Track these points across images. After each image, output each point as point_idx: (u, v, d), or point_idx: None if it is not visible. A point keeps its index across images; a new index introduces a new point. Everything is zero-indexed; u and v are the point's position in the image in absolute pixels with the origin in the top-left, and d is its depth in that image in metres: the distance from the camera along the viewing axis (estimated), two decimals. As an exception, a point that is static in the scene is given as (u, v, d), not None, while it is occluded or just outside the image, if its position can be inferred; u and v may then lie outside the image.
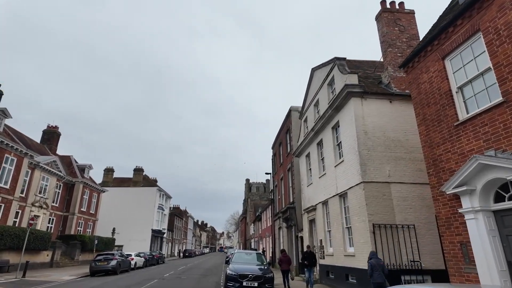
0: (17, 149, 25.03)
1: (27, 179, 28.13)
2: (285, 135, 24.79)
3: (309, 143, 17.62)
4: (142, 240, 47.93)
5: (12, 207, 25.00)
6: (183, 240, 78.65)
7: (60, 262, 27.59)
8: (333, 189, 13.79)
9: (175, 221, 67.03)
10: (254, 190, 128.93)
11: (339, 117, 13.56)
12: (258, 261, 14.36)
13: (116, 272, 20.78)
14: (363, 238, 10.99)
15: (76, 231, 35.00)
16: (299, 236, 19.76)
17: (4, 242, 20.19)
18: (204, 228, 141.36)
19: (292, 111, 22.72)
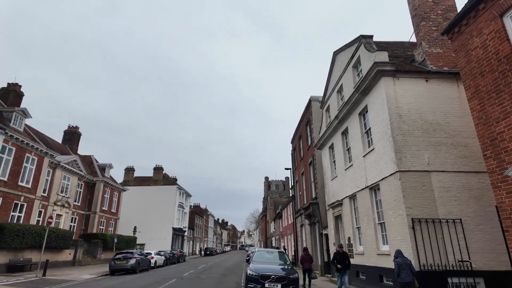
0: (37, 149, 25.19)
1: (48, 179, 28.40)
2: (305, 128, 23.53)
3: (332, 133, 16.33)
4: (163, 238, 48.03)
5: (35, 206, 25.22)
6: (204, 238, 78.80)
7: (82, 261, 27.69)
8: (362, 181, 12.49)
9: (195, 219, 67.08)
10: (274, 188, 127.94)
11: (367, 101, 12.24)
12: (281, 260, 13.31)
13: (135, 271, 20.35)
14: (400, 235, 9.68)
15: (98, 230, 35.27)
16: (324, 234, 18.52)
17: (26, 241, 20.20)
18: (224, 227, 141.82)
19: (312, 101, 21.42)
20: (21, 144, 23.57)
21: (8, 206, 22.45)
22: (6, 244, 18.66)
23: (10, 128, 22.67)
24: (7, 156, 22.41)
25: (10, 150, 22.69)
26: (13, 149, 22.94)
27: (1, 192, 21.69)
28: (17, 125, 24.33)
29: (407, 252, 9.14)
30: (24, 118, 25.08)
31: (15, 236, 19.22)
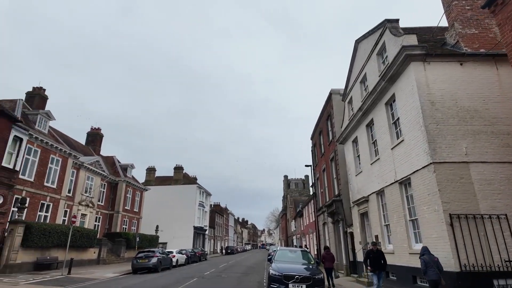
0: (61, 150, 25.82)
1: (73, 179, 29.11)
2: (325, 122, 22.72)
3: (356, 126, 15.53)
4: (185, 237, 48.45)
5: (60, 206, 25.89)
6: (224, 237, 79.10)
7: (106, 259, 28.18)
8: (391, 175, 11.69)
9: (216, 218, 67.36)
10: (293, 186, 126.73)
11: (394, 89, 11.42)
12: (304, 259, 12.73)
13: (157, 269, 20.35)
14: (436, 232, 8.87)
15: (121, 229, 35.91)
16: (348, 232, 17.73)
17: (52, 239, 20.65)
18: (245, 225, 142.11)
19: (333, 94, 20.60)
20: (46, 146, 24.20)
21: (35, 206, 23.12)
22: (33, 243, 19.11)
23: (35, 130, 23.31)
24: (33, 158, 23.05)
25: (36, 152, 23.33)
26: (38, 150, 23.58)
27: (28, 192, 22.34)
28: (42, 127, 25.01)
29: (445, 250, 8.35)
30: (48, 120, 25.76)
31: (41, 235, 19.67)
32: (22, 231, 18.51)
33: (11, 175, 14.41)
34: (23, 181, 21.99)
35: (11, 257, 17.77)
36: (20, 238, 18.36)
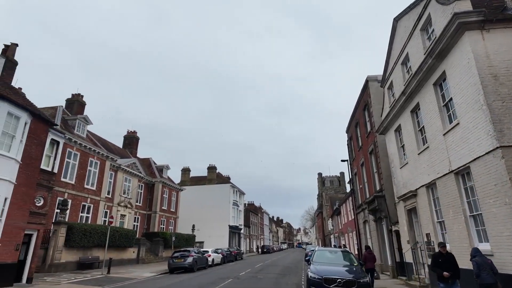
0: (98, 153, 26.73)
1: (111, 181, 30.12)
2: (362, 113, 21.19)
3: (398, 113, 14.05)
4: (221, 236, 48.67)
5: (100, 207, 26.82)
6: (260, 236, 78.77)
7: (145, 259, 28.78)
8: (444, 165, 10.23)
9: (250, 217, 67.16)
10: (328, 184, 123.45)
11: (445, 66, 9.95)
12: (346, 260, 11.64)
13: (193, 269, 20.19)
14: (508, 230, 7.42)
15: (159, 229, 36.70)
16: (393, 230, 16.21)
17: (92, 239, 21.30)
18: (280, 224, 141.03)
19: (370, 81, 19.07)
20: (84, 149, 25.16)
21: (77, 208, 24.09)
22: (75, 243, 19.80)
23: (74, 134, 24.30)
24: (73, 161, 24.04)
25: (75, 155, 24.32)
26: (78, 154, 24.55)
27: (70, 194, 23.33)
28: (80, 132, 26.04)
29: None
30: (86, 124, 26.78)
31: (82, 236, 20.34)
32: (64, 231, 19.25)
33: (50, 177, 14.84)
34: (65, 184, 23.00)
35: (55, 257, 18.51)
36: (63, 239, 19.09)
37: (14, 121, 12.28)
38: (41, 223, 14.25)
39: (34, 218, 13.83)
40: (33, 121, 13.59)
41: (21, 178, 12.81)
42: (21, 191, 12.83)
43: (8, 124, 11.99)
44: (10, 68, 15.79)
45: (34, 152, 13.69)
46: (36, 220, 13.94)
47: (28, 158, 13.29)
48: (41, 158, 14.14)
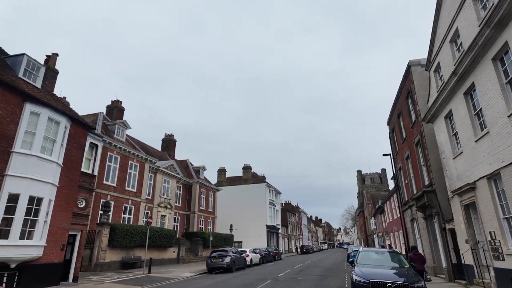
0: (138, 155, 27.61)
1: (151, 183, 31.04)
2: (405, 102, 19.51)
3: (449, 97, 12.53)
4: (258, 236, 48.39)
5: (141, 208, 27.68)
6: (298, 236, 77.42)
7: (185, 258, 29.21)
8: (511, 151, 8.76)
9: (288, 216, 66.19)
10: (368, 181, 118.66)
11: (507, 36, 8.51)
12: (394, 262, 10.50)
13: (231, 269, 19.92)
14: None
15: (198, 229, 37.25)
16: (448, 228, 14.57)
17: (134, 240, 21.91)
18: (319, 224, 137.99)
19: (412, 66, 17.44)
20: (124, 152, 26.10)
21: (119, 209, 25.03)
22: (118, 243, 20.46)
23: (113, 139, 25.31)
24: (114, 164, 25.01)
25: (116, 159, 25.29)
26: (118, 157, 25.52)
27: (112, 196, 24.29)
28: (120, 136, 27.07)
29: None
30: (125, 129, 27.81)
31: (124, 236, 20.98)
32: (108, 232, 19.97)
33: (91, 180, 15.36)
34: (107, 186, 23.98)
35: (100, 257, 19.25)
36: (106, 239, 19.81)
37: (55, 126, 12.76)
38: (84, 224, 14.76)
39: (77, 219, 14.35)
40: (73, 125, 14.09)
41: (63, 181, 13.30)
42: (64, 193, 13.33)
43: (49, 129, 12.47)
44: (52, 76, 16.62)
45: (75, 155, 14.19)
46: (79, 221, 14.45)
47: (69, 161, 13.78)
48: (81, 161, 14.64)
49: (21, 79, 12.74)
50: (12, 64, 13.08)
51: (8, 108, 11.32)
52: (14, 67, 12.99)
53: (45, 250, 12.16)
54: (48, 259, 12.35)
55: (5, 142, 11.07)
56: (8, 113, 11.31)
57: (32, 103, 12.04)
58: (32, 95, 12.13)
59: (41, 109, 12.25)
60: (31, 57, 13.29)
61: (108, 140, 23.97)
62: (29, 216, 11.36)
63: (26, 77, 13.15)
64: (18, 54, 13.16)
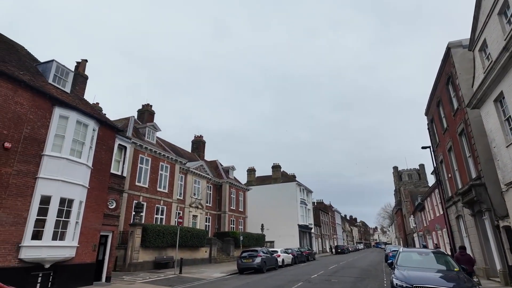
0: (168, 157, 28.02)
1: (182, 183, 31.44)
2: (444, 88, 17.84)
3: (499, 77, 11.06)
4: (291, 235, 47.53)
5: (173, 208, 28.06)
6: (333, 235, 75.30)
7: (217, 258, 29.19)
8: None
9: (320, 216, 64.55)
10: (406, 178, 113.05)
11: None
12: (440, 264, 9.39)
13: (262, 270, 19.41)
14: None
15: (229, 228, 37.23)
16: (502, 226, 12.94)
17: (166, 240, 22.13)
18: (354, 223, 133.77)
19: (452, 48, 15.83)
20: (155, 154, 26.58)
21: (151, 210, 25.50)
22: (150, 243, 20.74)
23: (144, 141, 25.84)
24: (145, 166, 25.53)
25: (147, 160, 25.81)
26: (149, 159, 26.03)
27: (144, 198, 24.80)
28: (150, 138, 27.63)
29: None
30: (155, 131, 28.36)
31: (156, 236, 21.24)
32: (140, 232, 20.30)
33: (120, 181, 15.61)
34: (139, 187, 24.51)
35: (133, 257, 19.59)
36: (139, 239, 20.15)
37: (83, 129, 13.01)
38: (114, 225, 14.99)
39: (108, 220, 14.58)
40: (101, 128, 14.33)
41: (93, 182, 13.54)
42: (94, 195, 13.57)
43: (77, 131, 12.73)
44: (82, 82, 17.13)
45: (104, 157, 14.43)
46: (110, 222, 14.69)
47: (99, 163, 14.02)
48: (110, 163, 14.87)
49: (50, 84, 13.13)
50: (43, 70, 13.54)
51: (39, 113, 11.66)
52: (44, 73, 13.44)
53: (77, 251, 12.40)
54: (80, 260, 12.59)
55: (36, 146, 11.39)
56: (38, 118, 11.64)
57: (60, 107, 12.34)
58: (60, 99, 12.42)
59: (69, 112, 12.52)
60: (60, 63, 13.67)
61: (139, 142, 24.51)
62: (61, 217, 11.61)
63: (56, 83, 13.55)
64: (48, 61, 13.60)
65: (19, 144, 10.84)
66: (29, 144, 11.15)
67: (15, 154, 10.68)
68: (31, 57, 14.48)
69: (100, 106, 27.94)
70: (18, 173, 10.68)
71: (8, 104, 10.67)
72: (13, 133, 10.70)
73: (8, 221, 10.23)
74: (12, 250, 10.23)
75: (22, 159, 10.84)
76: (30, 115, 11.35)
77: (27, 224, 10.69)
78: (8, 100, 10.68)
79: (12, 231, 10.28)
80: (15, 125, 10.82)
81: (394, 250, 23.98)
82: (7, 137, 10.50)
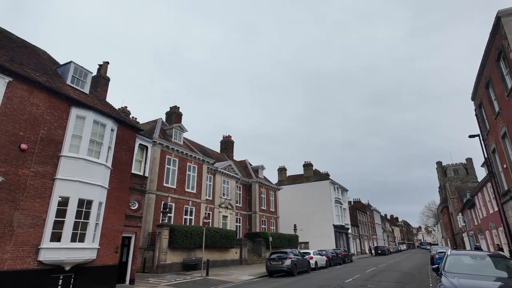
0: (195, 157, 27.84)
1: (210, 184, 31.18)
2: (495, 66, 15.50)
3: None
4: (326, 236, 45.61)
5: (201, 209, 27.80)
6: (372, 236, 71.61)
7: (248, 259, 28.45)
8: None
9: (357, 215, 61.57)
10: (451, 173, 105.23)
11: None
12: (500, 270, 7.71)
13: (292, 273, 18.28)
14: None
15: (260, 229, 36.39)
16: None
17: (194, 241, 21.76)
18: (395, 223, 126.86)
19: (503, 17, 13.58)
20: (182, 155, 26.49)
21: (180, 211, 25.39)
22: (178, 244, 20.47)
23: (171, 142, 25.82)
24: (173, 167, 25.49)
25: (174, 161, 25.77)
26: (176, 160, 25.98)
27: (173, 199, 24.73)
28: (177, 139, 27.62)
29: None
30: (181, 132, 28.33)
31: (184, 237, 20.94)
32: (167, 234, 20.10)
33: (142, 181, 15.37)
34: (167, 188, 24.48)
35: (161, 258, 19.39)
36: (166, 240, 19.94)
37: (101, 129, 12.83)
38: (137, 226, 14.75)
39: (130, 221, 14.35)
40: (120, 128, 14.15)
41: (113, 183, 13.34)
42: (115, 196, 13.36)
43: (95, 131, 12.57)
44: (104, 84, 17.26)
45: (124, 157, 14.22)
46: (132, 223, 14.45)
47: (119, 163, 13.82)
48: (131, 163, 14.65)
49: (68, 85, 13.14)
50: (62, 73, 13.63)
51: (55, 114, 11.61)
52: (63, 75, 13.51)
53: (99, 253, 12.20)
54: (102, 262, 12.39)
55: (54, 147, 11.33)
56: (55, 119, 11.59)
57: (77, 107, 12.24)
58: (77, 99, 12.34)
59: (86, 112, 12.40)
60: (78, 64, 13.69)
61: (165, 143, 24.51)
62: (80, 219, 11.44)
63: (75, 84, 13.56)
64: (66, 63, 13.67)
65: (36, 146, 10.80)
66: (46, 145, 11.10)
67: (32, 155, 10.64)
68: (52, 61, 14.70)
69: (128, 110, 28.52)
70: (36, 175, 10.62)
71: (24, 105, 10.67)
72: (29, 134, 10.67)
73: (27, 223, 10.17)
74: (31, 252, 10.15)
75: (39, 160, 10.78)
76: (47, 116, 11.30)
77: (45, 226, 10.59)
78: (23, 102, 10.68)
79: (31, 233, 10.21)
80: (32, 126, 10.79)
81: (441, 252, 21.61)
82: (24, 138, 10.48)
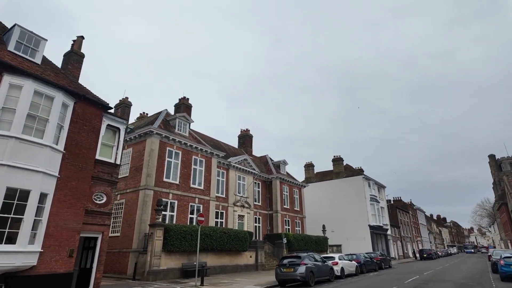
0: (202, 150, 24.98)
1: (223, 180, 28.15)
2: None
3: None
4: (361, 238, 40.68)
5: (211, 207, 24.84)
6: (416, 238, 64.39)
7: (265, 265, 24.96)
8: None
9: (398, 215, 55.29)
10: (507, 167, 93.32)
11: None
12: None
13: (308, 282, 14.56)
14: None
15: (283, 230, 32.62)
16: None
17: (195, 242, 18.64)
18: (442, 224, 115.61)
19: None
20: (185, 147, 23.73)
21: (184, 209, 22.57)
22: (174, 247, 17.60)
23: (172, 133, 23.19)
24: (175, 160, 22.77)
25: (177, 154, 23.05)
26: (179, 152, 23.26)
27: (175, 195, 21.97)
28: (182, 131, 24.95)
29: None
30: (187, 123, 25.63)
31: (182, 238, 18.03)
32: (161, 234, 17.30)
33: (113, 170, 12.70)
34: (168, 184, 21.79)
35: (153, 263, 16.59)
36: (160, 242, 17.14)
37: (46, 102, 10.28)
38: (104, 224, 12.00)
39: (95, 218, 11.65)
40: (80, 104, 11.58)
41: (68, 171, 10.72)
42: (70, 186, 10.73)
43: (36, 105, 10.03)
44: (77, 60, 14.92)
45: (85, 140, 11.61)
46: (97, 220, 11.74)
47: (76, 147, 11.21)
48: (95, 147, 12.00)
49: (9, 51, 10.75)
50: (7, 39, 11.33)
51: (-22, 81, 9.14)
52: (7, 41, 11.19)
53: (43, 257, 9.59)
54: (48, 269, 9.74)
55: (-26, 122, 8.83)
56: (-21, 88, 9.12)
57: (11, 74, 9.74)
58: (11, 64, 9.83)
59: (23, 80, 9.86)
60: (25, 28, 11.36)
61: (164, 133, 21.90)
62: (9, 214, 8.84)
63: (21, 52, 11.20)
64: (11, 27, 11.32)
65: None
66: (-39, 119, 8.63)
67: None
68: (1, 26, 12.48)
69: (129, 101, 26.49)
70: None
71: None
72: None
73: None
74: None
75: None
76: (-36, 83, 8.87)
77: (-47, 223, 8.06)
78: None
79: None
80: None
81: (508, 257, 16.60)
82: None
